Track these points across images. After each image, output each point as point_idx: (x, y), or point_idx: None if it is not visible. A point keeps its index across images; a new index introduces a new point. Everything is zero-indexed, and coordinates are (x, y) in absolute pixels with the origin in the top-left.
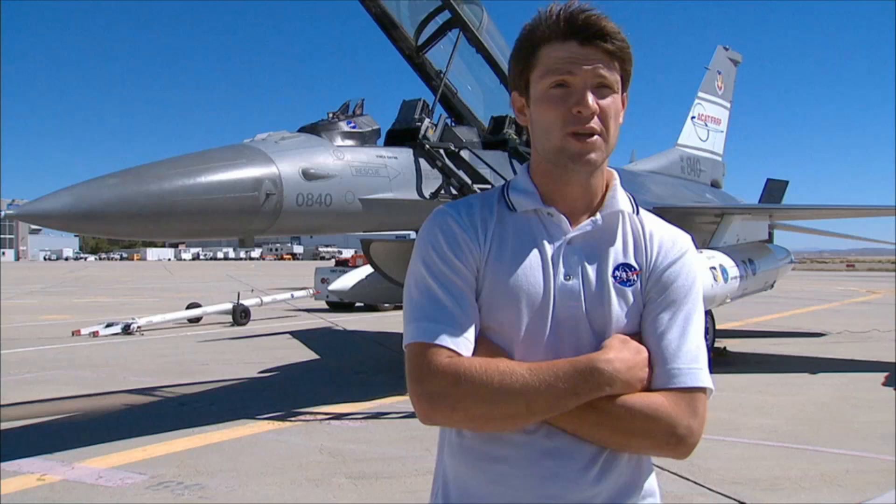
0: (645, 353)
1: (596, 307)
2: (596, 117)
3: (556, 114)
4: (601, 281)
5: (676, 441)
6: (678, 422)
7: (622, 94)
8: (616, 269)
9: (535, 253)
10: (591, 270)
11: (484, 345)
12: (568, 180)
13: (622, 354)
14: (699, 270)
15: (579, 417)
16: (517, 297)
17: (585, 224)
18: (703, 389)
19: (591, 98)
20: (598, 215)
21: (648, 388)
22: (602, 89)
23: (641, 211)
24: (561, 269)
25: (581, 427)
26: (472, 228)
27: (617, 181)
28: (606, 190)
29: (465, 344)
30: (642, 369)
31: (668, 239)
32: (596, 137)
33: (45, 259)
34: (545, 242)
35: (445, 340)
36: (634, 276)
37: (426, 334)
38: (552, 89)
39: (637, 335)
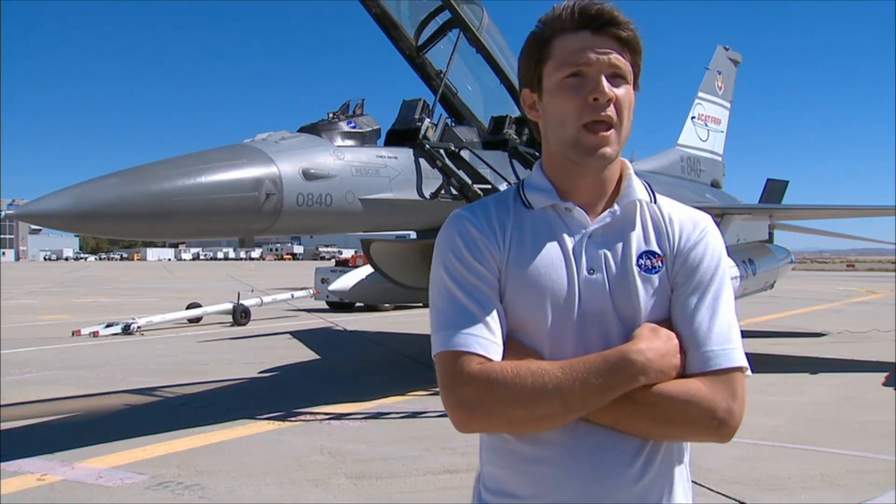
0: (676, 340)
1: (622, 298)
2: (612, 105)
3: (572, 104)
4: (626, 271)
5: (718, 425)
6: (717, 405)
7: (633, 87)
8: (640, 257)
9: (556, 249)
10: (614, 262)
11: (513, 346)
12: (583, 173)
13: (653, 343)
14: (723, 247)
15: (617, 410)
16: (541, 295)
17: (604, 216)
18: (739, 369)
19: (606, 84)
20: (616, 206)
21: (684, 375)
22: (616, 78)
23: (658, 197)
24: (584, 263)
25: (620, 420)
26: (489, 230)
27: (631, 170)
28: (621, 180)
29: (494, 348)
30: (675, 356)
31: (688, 221)
32: (611, 131)
33: (45, 259)
34: (565, 237)
35: (474, 347)
36: (659, 262)
37: (454, 342)
38: (567, 79)
39: (667, 322)
